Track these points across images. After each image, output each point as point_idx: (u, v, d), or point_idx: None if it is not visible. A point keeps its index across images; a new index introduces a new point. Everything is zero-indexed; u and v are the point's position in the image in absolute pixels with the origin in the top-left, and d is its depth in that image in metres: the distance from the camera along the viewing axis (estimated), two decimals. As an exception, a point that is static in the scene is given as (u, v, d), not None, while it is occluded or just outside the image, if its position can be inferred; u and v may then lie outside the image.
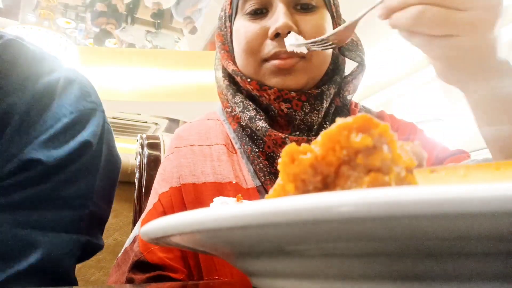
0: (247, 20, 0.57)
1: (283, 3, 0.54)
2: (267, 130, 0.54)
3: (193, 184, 0.54)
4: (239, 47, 0.57)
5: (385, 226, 0.13)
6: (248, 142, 0.57)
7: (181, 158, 0.57)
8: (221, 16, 0.64)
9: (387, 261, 0.15)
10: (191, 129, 0.62)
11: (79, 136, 0.46)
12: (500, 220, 0.12)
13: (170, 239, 0.21)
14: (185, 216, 0.17)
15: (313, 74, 0.57)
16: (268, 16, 0.55)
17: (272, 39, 0.54)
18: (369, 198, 0.13)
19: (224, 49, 0.63)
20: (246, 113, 0.56)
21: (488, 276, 0.15)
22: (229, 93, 0.60)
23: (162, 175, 0.58)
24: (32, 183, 0.42)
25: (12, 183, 0.41)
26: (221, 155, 0.57)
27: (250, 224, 0.15)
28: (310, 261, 0.17)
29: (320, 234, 0.15)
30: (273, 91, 0.54)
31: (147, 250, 0.50)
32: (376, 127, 0.19)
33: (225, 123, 0.62)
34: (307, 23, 0.54)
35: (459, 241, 0.14)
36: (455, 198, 0.12)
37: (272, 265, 0.19)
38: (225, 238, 0.19)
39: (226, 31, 0.63)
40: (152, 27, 4.91)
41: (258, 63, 0.56)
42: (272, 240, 0.17)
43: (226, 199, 0.38)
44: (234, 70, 0.59)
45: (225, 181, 0.54)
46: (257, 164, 0.55)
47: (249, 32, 0.55)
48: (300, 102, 0.55)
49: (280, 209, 0.14)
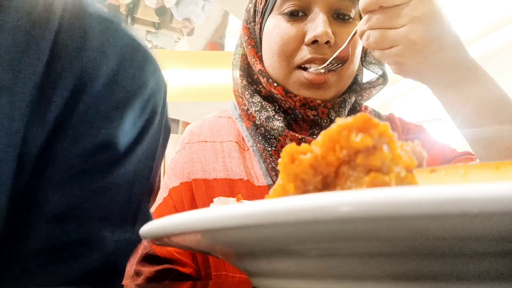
0: (283, 20, 0.55)
1: (323, 11, 0.53)
2: (283, 130, 0.54)
3: (204, 179, 0.54)
4: (271, 47, 0.56)
5: (385, 226, 0.13)
6: (261, 141, 0.57)
7: (193, 154, 0.57)
8: (249, 8, 0.62)
9: (387, 261, 0.15)
10: (203, 126, 0.62)
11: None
12: (500, 220, 0.12)
13: (170, 239, 0.21)
14: (185, 216, 0.17)
15: (342, 87, 0.57)
16: (306, 20, 0.54)
17: (308, 45, 0.53)
18: (369, 198, 0.13)
19: (250, 44, 0.61)
20: (264, 112, 0.56)
21: (488, 276, 0.15)
22: (247, 93, 0.59)
23: (173, 170, 0.58)
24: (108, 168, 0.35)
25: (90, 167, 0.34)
26: (233, 152, 0.57)
27: (250, 224, 0.15)
28: (310, 261, 0.17)
29: (320, 234, 0.15)
30: (299, 98, 0.54)
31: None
32: (376, 127, 0.19)
33: (237, 121, 0.62)
34: (343, 34, 0.54)
35: (459, 241, 0.14)
36: (455, 198, 0.12)
37: (272, 265, 0.19)
38: (225, 238, 0.19)
39: (253, 26, 0.61)
40: (152, 27, 4.91)
41: (290, 68, 0.55)
42: (272, 240, 0.17)
43: (226, 199, 0.38)
44: (261, 70, 0.58)
45: (236, 178, 0.54)
46: (269, 163, 0.55)
47: (285, 34, 0.54)
48: (326, 109, 0.55)
49: (280, 209, 0.14)
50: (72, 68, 0.32)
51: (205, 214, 0.17)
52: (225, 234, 0.18)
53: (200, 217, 0.17)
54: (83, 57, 0.33)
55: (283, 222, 0.14)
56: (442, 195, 0.12)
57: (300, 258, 0.18)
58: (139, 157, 0.38)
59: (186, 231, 0.18)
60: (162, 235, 0.20)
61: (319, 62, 0.53)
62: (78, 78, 0.33)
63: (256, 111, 0.57)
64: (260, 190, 0.54)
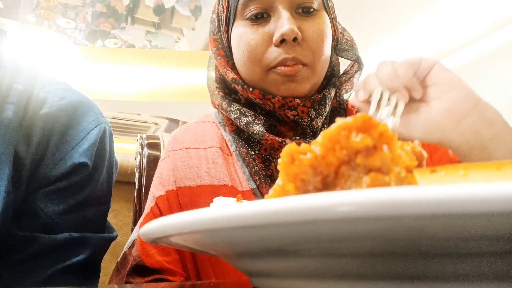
0: (248, 26, 0.54)
1: (285, 8, 0.52)
2: (263, 134, 0.53)
3: (189, 187, 0.54)
4: (241, 55, 0.55)
5: (385, 226, 0.13)
6: (244, 145, 0.56)
7: (177, 161, 0.57)
8: (213, 19, 0.62)
9: (387, 261, 0.15)
10: (187, 132, 0.62)
11: (106, 146, 0.55)
12: (500, 220, 0.12)
13: (169, 239, 0.21)
14: (184, 216, 0.17)
15: (316, 80, 0.56)
16: (270, 21, 0.53)
17: (277, 46, 0.52)
18: (369, 198, 0.13)
19: (220, 54, 0.61)
20: (243, 118, 0.56)
21: (488, 276, 0.15)
22: (224, 103, 0.59)
23: (159, 178, 0.58)
24: (81, 185, 0.50)
25: (65, 186, 0.49)
26: (216, 158, 0.57)
27: (250, 224, 0.15)
28: (310, 261, 0.17)
29: (320, 234, 0.15)
30: (277, 99, 0.54)
31: (146, 254, 0.51)
32: (376, 127, 0.19)
33: (220, 125, 0.62)
34: (309, 28, 0.53)
35: (459, 241, 0.14)
36: (455, 198, 0.12)
37: (272, 265, 0.19)
38: (225, 238, 0.19)
39: (220, 35, 0.61)
40: (152, 27, 4.91)
41: (264, 71, 0.54)
42: (272, 240, 0.17)
43: (226, 199, 0.38)
44: (234, 78, 0.57)
45: (220, 184, 0.54)
46: (252, 167, 0.55)
47: (252, 40, 0.53)
48: (305, 108, 0.54)
49: (280, 209, 0.14)
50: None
51: (205, 214, 0.17)
52: (225, 234, 0.18)
53: (200, 217, 0.17)
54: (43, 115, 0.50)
55: (283, 222, 0.14)
56: (442, 195, 0.12)
57: (300, 258, 0.18)
58: (103, 174, 0.54)
59: (186, 231, 0.18)
60: (162, 235, 0.20)
61: (291, 61, 0.52)
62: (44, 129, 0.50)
63: (235, 118, 0.57)
64: (244, 194, 0.53)
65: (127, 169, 1.17)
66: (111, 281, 0.55)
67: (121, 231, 1.15)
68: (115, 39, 4.99)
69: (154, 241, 0.22)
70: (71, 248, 0.48)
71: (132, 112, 5.14)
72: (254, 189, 0.54)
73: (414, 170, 0.20)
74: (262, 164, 0.55)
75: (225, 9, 0.58)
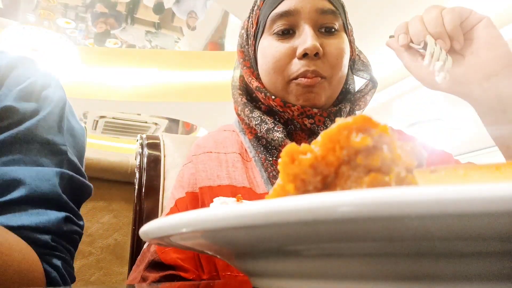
0: (274, 39, 0.60)
1: (310, 26, 0.58)
2: (283, 140, 0.57)
3: (209, 186, 0.58)
4: (266, 65, 0.61)
5: (385, 226, 0.13)
6: (262, 151, 0.61)
7: (199, 164, 0.61)
8: (242, 33, 0.68)
9: (387, 261, 0.15)
10: (208, 138, 0.67)
11: (43, 93, 0.54)
12: (500, 220, 0.12)
13: (170, 239, 0.21)
14: (184, 216, 0.17)
15: (332, 93, 0.61)
16: (295, 36, 0.59)
17: (300, 59, 0.57)
18: (369, 198, 0.13)
19: (246, 65, 0.66)
20: (264, 125, 0.60)
21: (488, 276, 0.15)
22: (247, 109, 0.63)
23: (179, 181, 0.62)
24: (9, 128, 0.49)
25: None
26: (236, 163, 0.61)
27: (250, 224, 0.15)
28: (310, 261, 0.17)
29: (320, 234, 0.15)
30: (297, 108, 0.58)
31: (162, 250, 0.54)
32: (376, 127, 0.19)
33: (240, 134, 0.66)
34: (330, 45, 0.58)
35: (459, 241, 0.14)
36: (455, 198, 0.12)
37: (272, 265, 0.19)
38: (225, 238, 0.19)
39: (247, 48, 0.67)
40: (152, 27, 4.91)
41: (286, 81, 0.59)
42: (272, 240, 0.17)
43: (226, 199, 0.38)
44: (258, 87, 0.62)
45: (239, 186, 0.58)
46: (270, 172, 0.58)
47: (277, 52, 0.59)
48: (322, 117, 0.59)
49: (280, 209, 0.14)
50: None
51: (205, 214, 0.17)
52: (225, 234, 0.18)
53: (200, 217, 0.17)
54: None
55: (283, 222, 0.14)
56: (442, 195, 0.12)
57: (300, 258, 0.18)
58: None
59: (186, 231, 0.18)
60: (162, 235, 0.20)
61: (311, 74, 0.57)
62: None
63: (256, 124, 0.61)
64: (262, 197, 0.57)
65: (127, 169, 1.18)
66: (130, 275, 0.58)
67: (121, 231, 1.15)
68: (115, 39, 4.99)
69: (154, 241, 0.22)
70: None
71: (132, 112, 5.14)
72: None
73: (414, 170, 0.20)
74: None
75: (254, 24, 0.65)
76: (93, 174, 1.13)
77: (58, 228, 0.47)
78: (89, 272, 1.07)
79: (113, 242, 1.11)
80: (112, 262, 1.10)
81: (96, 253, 1.09)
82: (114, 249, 1.11)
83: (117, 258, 1.12)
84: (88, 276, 1.07)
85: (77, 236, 0.51)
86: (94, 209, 1.13)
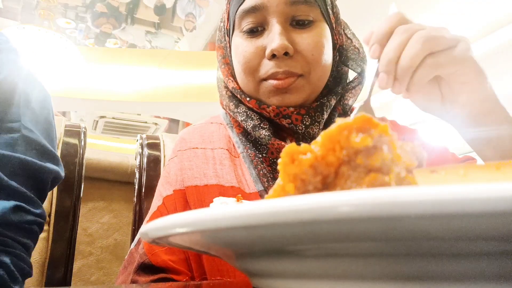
0: (244, 38, 0.56)
1: (279, 22, 0.53)
2: (270, 138, 0.54)
3: (195, 186, 0.55)
4: (238, 66, 0.57)
5: (385, 226, 0.13)
6: (251, 147, 0.57)
7: (184, 161, 0.58)
8: (220, 27, 0.64)
9: (387, 261, 0.15)
10: (194, 132, 0.63)
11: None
12: (500, 220, 0.12)
13: (169, 239, 0.21)
14: (185, 216, 0.17)
15: (312, 90, 0.57)
16: (265, 34, 0.55)
17: (269, 59, 0.54)
18: (369, 198, 0.13)
19: (225, 63, 0.63)
20: (250, 121, 0.57)
21: (488, 276, 0.15)
22: (231, 104, 0.60)
23: (166, 178, 0.59)
24: None
25: None
26: (224, 160, 0.58)
27: (250, 224, 0.15)
28: (310, 261, 0.17)
29: (320, 234, 0.15)
30: (272, 109, 0.55)
31: (152, 252, 0.51)
32: (376, 127, 0.19)
33: (228, 127, 0.62)
34: (303, 40, 0.54)
35: (459, 241, 0.14)
36: (455, 198, 0.12)
37: (272, 265, 0.19)
38: (225, 238, 0.19)
39: (225, 44, 0.63)
40: (152, 27, 4.91)
41: (256, 82, 0.56)
42: (272, 240, 0.17)
43: (226, 199, 0.38)
44: (234, 88, 0.59)
45: (227, 185, 0.55)
46: (260, 169, 0.55)
47: (246, 52, 0.55)
48: (299, 116, 0.55)
49: (280, 209, 0.14)
50: None
51: (205, 214, 0.17)
52: (225, 234, 0.18)
53: (200, 217, 0.17)
54: None
55: (283, 222, 0.14)
56: (442, 195, 0.12)
57: (300, 258, 0.18)
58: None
59: (186, 231, 0.18)
60: (162, 235, 0.20)
61: (282, 75, 0.53)
62: None
63: (242, 120, 0.58)
64: (251, 196, 0.54)
65: (127, 169, 1.18)
66: (118, 278, 0.55)
67: (121, 231, 1.15)
68: (115, 39, 4.99)
69: (154, 241, 0.22)
70: None
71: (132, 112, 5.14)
72: (261, 191, 0.54)
73: (414, 170, 0.20)
74: (269, 167, 0.55)
75: (225, 20, 0.60)
76: (93, 174, 1.13)
77: (5, 219, 0.41)
78: (89, 272, 1.07)
79: (113, 242, 1.11)
80: (112, 262, 1.10)
81: (96, 253, 1.09)
82: (114, 249, 1.11)
83: (117, 258, 1.12)
84: (88, 276, 1.07)
85: (36, 226, 0.46)
86: (94, 209, 1.13)
